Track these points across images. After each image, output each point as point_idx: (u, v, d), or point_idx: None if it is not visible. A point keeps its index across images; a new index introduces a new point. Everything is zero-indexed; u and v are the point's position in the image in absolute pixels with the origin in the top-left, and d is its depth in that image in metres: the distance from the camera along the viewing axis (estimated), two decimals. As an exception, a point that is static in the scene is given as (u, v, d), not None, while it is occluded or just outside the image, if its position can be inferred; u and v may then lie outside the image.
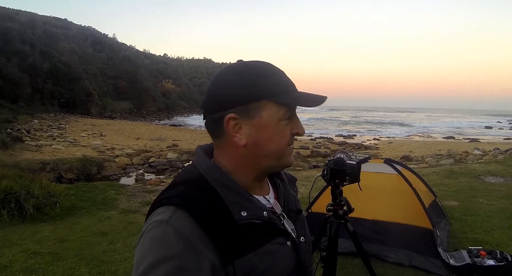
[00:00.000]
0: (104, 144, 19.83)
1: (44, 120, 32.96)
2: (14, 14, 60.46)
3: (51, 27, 62.75)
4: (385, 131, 40.13)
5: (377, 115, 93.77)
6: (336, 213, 1.82)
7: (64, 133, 25.40)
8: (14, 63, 38.45)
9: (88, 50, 65.89)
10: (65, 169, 11.45)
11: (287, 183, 0.96)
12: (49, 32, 57.76)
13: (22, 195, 5.58)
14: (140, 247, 0.70)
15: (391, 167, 4.43)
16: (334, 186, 1.81)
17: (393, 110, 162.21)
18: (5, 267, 3.68)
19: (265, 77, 0.78)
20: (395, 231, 3.92)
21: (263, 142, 0.79)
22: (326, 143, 24.60)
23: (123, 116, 51.65)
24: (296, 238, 0.86)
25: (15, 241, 4.42)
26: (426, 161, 14.29)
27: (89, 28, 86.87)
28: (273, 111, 0.78)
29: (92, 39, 75.80)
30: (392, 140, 29.03)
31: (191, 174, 0.81)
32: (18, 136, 19.69)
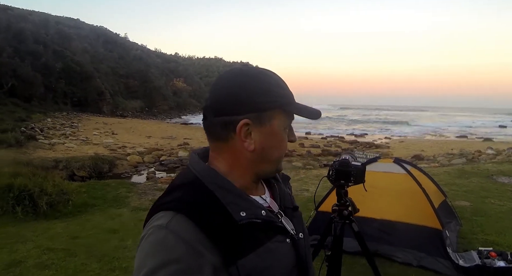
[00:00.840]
0: (115, 142, 20.03)
1: (57, 119, 33.39)
2: (28, 14, 61.31)
3: (64, 27, 63.38)
4: (396, 130, 39.76)
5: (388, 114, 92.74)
6: (341, 213, 1.84)
7: (76, 131, 25.72)
8: (28, 63, 39.02)
9: (100, 50, 66.46)
10: (77, 167, 11.61)
11: (281, 181, 0.98)
12: (62, 32, 58.36)
13: (36, 192, 5.71)
14: (140, 252, 0.70)
15: (400, 166, 4.41)
16: (339, 187, 1.83)
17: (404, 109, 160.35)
18: (20, 262, 3.78)
19: (278, 87, 0.82)
20: (404, 231, 3.91)
21: (270, 149, 0.82)
22: (337, 142, 24.52)
23: (135, 115, 52.00)
24: (295, 235, 0.87)
25: (29, 237, 4.53)
26: (438, 160, 14.15)
27: (101, 27, 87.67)
28: (282, 120, 0.82)
29: (104, 38, 76.46)
30: (403, 139, 28.77)
31: (187, 178, 0.82)
32: (31, 135, 20.03)
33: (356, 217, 3.88)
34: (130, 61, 69.72)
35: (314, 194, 2.01)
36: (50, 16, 72.11)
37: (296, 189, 7.60)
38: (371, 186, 4.12)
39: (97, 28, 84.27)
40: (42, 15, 68.67)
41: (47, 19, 64.70)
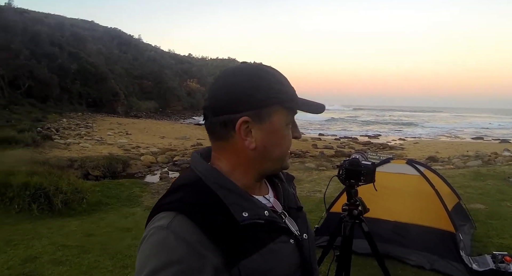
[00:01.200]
0: (129, 142, 20.21)
1: (72, 119, 33.90)
2: (44, 17, 62.38)
3: (79, 29, 64.37)
4: (410, 131, 39.30)
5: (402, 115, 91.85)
6: (351, 213, 1.83)
7: (91, 132, 26.05)
8: (44, 64, 39.77)
9: (114, 51, 67.31)
10: (92, 166, 11.76)
11: (285, 181, 0.96)
12: (77, 34, 59.26)
13: (51, 190, 5.82)
14: (141, 253, 0.70)
15: (413, 167, 4.37)
16: (349, 186, 1.82)
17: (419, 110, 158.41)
18: (35, 258, 3.87)
19: (277, 83, 0.80)
20: (416, 233, 3.87)
21: (271, 146, 0.80)
22: (351, 143, 24.33)
23: (149, 116, 52.45)
24: (299, 235, 0.86)
25: (44, 234, 4.62)
26: (453, 162, 13.93)
27: (115, 29, 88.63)
28: (283, 116, 0.80)
29: (118, 40, 77.39)
30: (418, 140, 28.41)
31: (189, 179, 0.81)
32: (47, 135, 20.39)
33: (369, 218, 3.85)
34: (144, 63, 70.39)
35: (324, 194, 2.00)
36: (65, 19, 73.23)
37: (309, 190, 7.59)
38: (384, 187, 4.12)
39: (111, 30, 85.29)
40: (57, 18, 69.84)
41: (62, 21, 65.77)
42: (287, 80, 0.84)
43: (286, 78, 0.84)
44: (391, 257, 3.77)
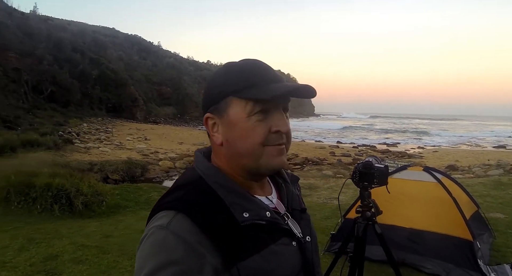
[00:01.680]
0: (148, 147, 20.48)
1: (93, 124, 34.62)
2: (67, 24, 64.35)
3: (100, 36, 66.00)
4: (430, 140, 38.65)
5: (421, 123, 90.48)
6: (364, 215, 1.87)
7: (110, 136, 26.56)
8: (66, 70, 40.93)
9: (134, 57, 68.60)
10: (111, 170, 12.01)
11: (290, 182, 0.93)
12: (98, 40, 60.78)
13: (72, 192, 5.99)
14: (140, 253, 0.69)
15: (430, 175, 4.34)
16: (362, 188, 1.86)
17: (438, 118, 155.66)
18: (56, 256, 3.99)
19: (232, 74, 0.78)
20: (433, 240, 3.83)
21: (233, 140, 0.77)
22: (369, 151, 24.11)
23: (167, 121, 53.09)
24: (302, 238, 0.84)
25: (65, 234, 4.75)
26: (473, 171, 13.68)
27: (135, 36, 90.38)
28: (240, 107, 0.75)
29: (138, 46, 78.89)
30: (437, 149, 27.93)
31: (190, 177, 0.80)
32: (68, 139, 20.90)
33: (384, 225, 3.86)
34: (163, 69, 71.45)
35: (338, 196, 2.03)
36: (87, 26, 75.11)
37: (325, 197, 7.59)
38: (400, 193, 4.11)
39: (132, 37, 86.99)
40: (79, 25, 71.71)
41: (84, 28, 67.53)
42: (260, 69, 0.78)
43: (260, 68, 0.79)
44: (406, 265, 3.75)
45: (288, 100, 0.80)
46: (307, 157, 18.11)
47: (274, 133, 0.76)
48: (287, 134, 0.79)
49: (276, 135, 0.77)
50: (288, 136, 0.80)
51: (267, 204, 0.82)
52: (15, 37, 38.53)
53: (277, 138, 0.77)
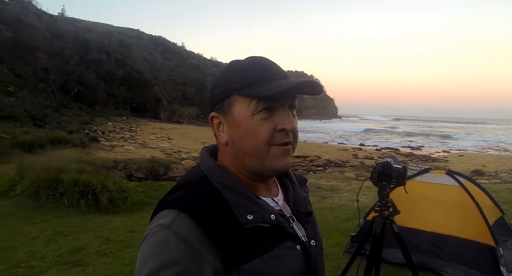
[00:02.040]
0: (171, 146, 20.78)
1: (117, 123, 35.43)
2: (93, 26, 66.30)
3: (125, 37, 67.49)
4: (455, 144, 37.74)
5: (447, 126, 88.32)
6: (382, 214, 1.89)
7: (135, 135, 27.08)
8: (92, 70, 42.14)
9: (158, 58, 69.87)
10: (135, 168, 12.25)
11: (297, 184, 0.91)
12: (123, 41, 62.16)
13: (98, 188, 6.20)
14: (142, 252, 0.68)
15: (452, 178, 4.27)
16: (381, 188, 1.89)
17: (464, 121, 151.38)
18: (82, 249, 4.17)
19: (236, 72, 0.76)
20: (454, 245, 3.78)
21: (237, 139, 0.75)
22: (392, 154, 23.76)
23: (190, 121, 53.77)
24: (306, 242, 0.82)
25: (91, 228, 4.94)
26: (500, 176, 13.30)
27: (159, 37, 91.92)
28: (244, 105, 0.74)
29: (162, 47, 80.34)
30: (463, 153, 27.22)
31: (195, 176, 0.79)
32: (94, 137, 21.50)
33: (405, 228, 3.84)
34: (186, 70, 72.41)
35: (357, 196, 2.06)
36: (112, 27, 76.89)
37: (347, 199, 7.56)
38: (422, 197, 4.08)
39: (156, 38, 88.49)
40: (105, 26, 73.50)
41: (110, 30, 69.30)
42: (264, 67, 0.77)
43: (264, 65, 0.77)
44: (427, 269, 3.71)
45: (294, 98, 0.78)
46: (329, 158, 18.02)
47: (279, 132, 0.74)
48: (293, 133, 0.76)
49: (281, 133, 0.74)
50: (294, 134, 0.77)
51: (273, 206, 0.80)
52: (44, 39, 39.96)
53: (282, 136, 0.74)
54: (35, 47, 36.53)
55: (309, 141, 30.62)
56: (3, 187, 6.66)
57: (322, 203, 6.81)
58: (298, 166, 15.61)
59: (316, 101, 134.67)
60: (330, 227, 5.13)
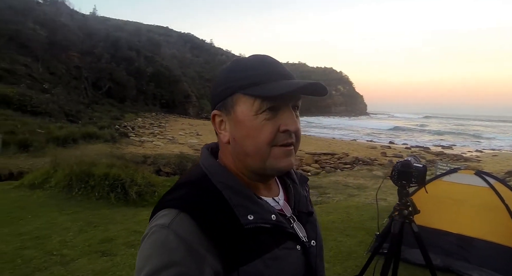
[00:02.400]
0: (199, 142, 20.94)
1: (147, 119, 36.23)
2: (123, 24, 67.97)
3: (155, 35, 68.83)
4: (489, 143, 36.40)
5: (480, 124, 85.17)
6: (401, 213, 1.89)
7: (163, 131, 27.63)
8: (122, 67, 43.37)
9: (187, 55, 70.90)
10: (163, 163, 12.51)
11: (298, 183, 0.90)
12: (153, 39, 63.41)
13: (127, 182, 6.40)
14: (141, 252, 0.67)
15: (482, 179, 4.15)
16: (400, 187, 1.88)
17: (499, 119, 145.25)
18: (111, 239, 4.34)
19: (240, 71, 0.75)
20: (481, 248, 3.67)
21: (240, 139, 0.74)
22: (422, 153, 23.14)
23: (219, 118, 54.35)
24: (307, 242, 0.81)
25: (119, 220, 5.12)
26: (536, 178, 12.73)
27: (188, 34, 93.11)
28: (247, 105, 0.73)
29: (191, 44, 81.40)
30: (497, 153, 26.20)
31: (195, 175, 0.78)
32: (124, 132, 22.12)
33: (431, 229, 3.78)
34: (215, 66, 73.05)
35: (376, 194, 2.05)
36: (142, 25, 78.53)
37: (373, 198, 7.48)
38: (448, 197, 4.00)
39: (185, 35, 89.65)
40: (135, 25, 75.22)
41: (139, 28, 70.85)
42: (268, 65, 0.76)
43: (267, 64, 0.76)
44: (452, 272, 3.63)
45: (299, 98, 0.77)
46: (357, 156, 17.79)
47: (282, 133, 0.73)
48: (296, 134, 0.75)
49: (284, 134, 0.73)
50: (297, 135, 0.76)
51: (273, 206, 0.79)
52: (77, 38, 41.46)
53: (285, 137, 0.74)
54: (68, 46, 38.01)
55: (337, 138, 30.30)
56: (38, 179, 6.95)
57: (348, 201, 6.77)
58: (326, 163, 15.44)
59: (345, 98, 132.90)
60: (355, 225, 5.11)
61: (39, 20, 37.01)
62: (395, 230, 1.88)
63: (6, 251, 3.95)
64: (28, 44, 31.40)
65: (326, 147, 21.06)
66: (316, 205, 6.51)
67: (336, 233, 4.74)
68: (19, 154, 11.10)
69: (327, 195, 7.23)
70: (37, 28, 34.50)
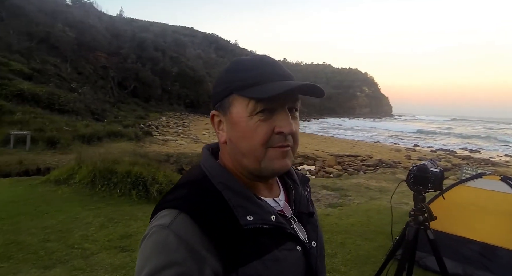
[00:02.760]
0: (222, 142, 21.15)
1: (171, 118, 36.70)
2: (149, 25, 69.22)
3: (180, 36, 69.74)
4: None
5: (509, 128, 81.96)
6: (417, 219, 1.83)
7: (187, 130, 27.94)
8: (148, 67, 44.22)
9: (211, 56, 71.47)
10: (186, 162, 12.66)
11: (300, 183, 0.89)
12: (178, 40, 64.29)
13: (149, 180, 6.51)
14: (141, 253, 0.67)
15: (508, 185, 4.00)
16: (416, 192, 1.83)
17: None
18: (131, 235, 4.45)
19: (238, 71, 0.75)
20: (505, 258, 3.54)
21: (235, 139, 0.75)
22: (448, 156, 22.48)
23: (243, 118, 54.63)
24: (307, 243, 0.81)
25: (140, 217, 5.22)
26: None
27: (213, 35, 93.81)
28: (242, 106, 0.73)
29: (215, 45, 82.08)
30: (528, 158, 25.22)
31: (195, 175, 0.78)
32: (148, 131, 22.49)
33: (453, 236, 3.69)
34: (239, 67, 73.43)
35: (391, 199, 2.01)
36: (167, 26, 79.64)
37: (395, 202, 7.34)
38: (472, 203, 3.89)
39: (210, 36, 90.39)
40: (161, 26, 76.37)
41: (165, 29, 71.96)
42: (264, 66, 0.75)
43: (265, 64, 0.76)
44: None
45: (296, 100, 0.76)
46: (381, 159, 17.49)
47: (277, 134, 0.72)
48: (293, 136, 0.75)
49: (279, 136, 0.73)
50: (294, 138, 0.75)
51: (274, 207, 0.79)
52: (104, 38, 42.72)
53: (280, 139, 0.73)
54: (96, 46, 39.23)
55: (361, 140, 29.90)
56: (63, 175, 7.18)
57: (369, 204, 6.66)
58: (349, 165, 15.22)
59: (369, 99, 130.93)
60: (375, 229, 5.02)
61: (68, 22, 38.47)
62: (409, 236, 1.83)
63: (31, 243, 4.14)
64: (58, 45, 32.67)
65: (350, 148, 20.81)
66: (336, 207, 6.44)
67: (355, 236, 4.68)
68: (46, 151, 11.55)
69: (348, 197, 7.14)
70: (66, 29, 35.82)
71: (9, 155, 10.79)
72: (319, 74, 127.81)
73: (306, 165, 14.89)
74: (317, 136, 30.03)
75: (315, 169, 13.75)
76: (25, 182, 7.56)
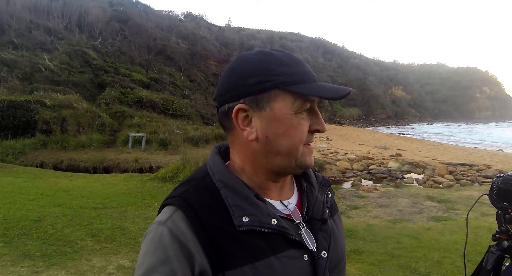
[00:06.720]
0: (328, 147, 20.47)
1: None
2: (256, 33, 71.78)
3: (287, 41, 70.73)
4: None
5: None
6: (501, 244, 1.46)
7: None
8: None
9: (319, 60, 70.92)
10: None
11: (318, 187, 0.83)
12: (285, 45, 65.23)
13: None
14: (141, 249, 0.69)
15: None
16: (501, 209, 1.46)
17: None
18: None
19: (279, 65, 0.70)
20: None
21: (274, 137, 0.70)
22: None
23: (351, 123, 52.93)
24: (316, 252, 0.73)
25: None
26: None
27: (319, 39, 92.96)
28: (288, 102, 0.70)
29: (323, 49, 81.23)
30: None
31: (199, 173, 0.77)
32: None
33: None
34: (348, 70, 71.95)
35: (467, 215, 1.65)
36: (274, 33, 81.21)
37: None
38: None
39: (316, 40, 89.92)
40: (268, 33, 78.23)
41: (272, 35, 73.81)
42: (301, 63, 0.73)
43: (300, 62, 0.73)
44: None
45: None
46: (502, 169, 15.22)
47: (311, 132, 0.74)
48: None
49: (311, 134, 0.74)
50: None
51: (280, 210, 0.74)
52: (214, 47, 45.96)
53: (312, 137, 0.75)
54: (207, 55, 42.66)
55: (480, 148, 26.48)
56: (169, 173, 8.00)
57: (479, 220, 5.80)
58: (462, 175, 13.50)
59: (491, 101, 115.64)
60: (482, 250, 4.19)
61: (182, 34, 42.72)
62: (488, 264, 1.47)
63: (133, 230, 4.80)
64: (173, 56, 36.09)
65: (465, 157, 18.51)
66: (440, 221, 5.75)
67: (456, 256, 4.10)
68: (159, 151, 12.67)
69: (455, 210, 6.31)
70: (179, 41, 39.69)
71: (128, 153, 12.19)
72: (432, 74, 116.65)
73: (414, 173, 13.70)
74: (429, 143, 27.49)
75: (423, 178, 12.56)
76: (137, 177, 8.56)
